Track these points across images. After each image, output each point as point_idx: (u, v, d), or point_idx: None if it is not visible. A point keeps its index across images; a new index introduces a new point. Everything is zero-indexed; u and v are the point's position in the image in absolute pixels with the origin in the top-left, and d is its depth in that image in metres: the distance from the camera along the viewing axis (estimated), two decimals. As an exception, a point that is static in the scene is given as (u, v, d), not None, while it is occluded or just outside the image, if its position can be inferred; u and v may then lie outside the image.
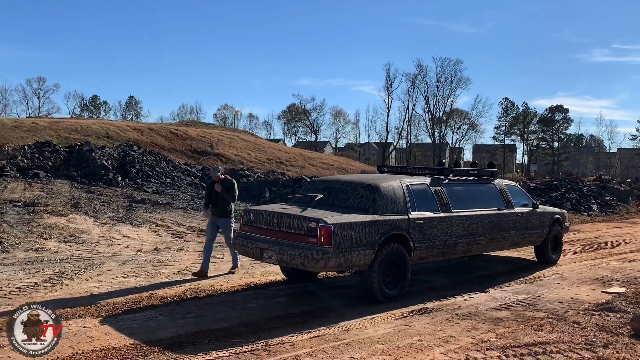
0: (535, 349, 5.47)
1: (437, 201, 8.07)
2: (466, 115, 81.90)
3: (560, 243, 10.91)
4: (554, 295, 8.00)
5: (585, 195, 24.79)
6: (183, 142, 34.73)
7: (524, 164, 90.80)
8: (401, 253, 7.36)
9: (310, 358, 5.14)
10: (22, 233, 11.15)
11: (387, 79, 78.79)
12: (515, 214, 9.43)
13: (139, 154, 23.89)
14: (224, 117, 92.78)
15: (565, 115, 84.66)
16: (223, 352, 5.21)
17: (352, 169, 39.51)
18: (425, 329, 6.18)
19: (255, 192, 20.77)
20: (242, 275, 8.77)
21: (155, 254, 10.23)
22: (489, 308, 7.21)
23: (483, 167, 10.18)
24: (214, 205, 8.72)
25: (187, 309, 6.68)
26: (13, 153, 21.49)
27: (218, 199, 8.64)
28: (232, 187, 8.73)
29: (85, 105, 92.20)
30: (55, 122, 33.99)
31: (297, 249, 6.72)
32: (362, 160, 72.59)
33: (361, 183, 7.74)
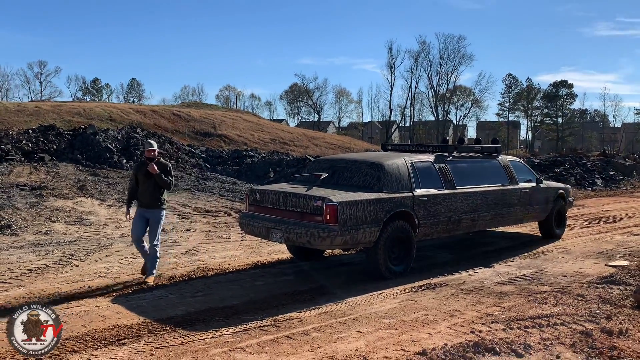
0: (540, 322, 5.56)
1: (442, 178, 8.11)
2: (469, 92, 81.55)
3: (564, 218, 10.96)
4: (558, 270, 8.08)
5: (589, 171, 24.78)
6: (186, 123, 34.75)
7: (527, 140, 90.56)
8: (406, 230, 7.43)
9: (319, 333, 5.24)
10: (30, 216, 11.26)
11: (390, 57, 78.19)
12: (519, 190, 9.47)
13: (143, 136, 23.92)
14: (226, 97, 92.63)
15: (570, 91, 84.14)
16: (233, 329, 5.32)
17: (355, 148, 39.52)
18: (430, 303, 6.27)
19: (259, 173, 20.85)
20: (249, 254, 8.87)
21: (163, 234, 10.30)
22: (494, 282, 7.29)
23: (487, 144, 10.19)
24: (143, 193, 7.01)
25: (196, 288, 6.79)
26: (17, 137, 21.57)
27: (149, 184, 6.96)
28: (169, 170, 7.12)
29: (87, 89, 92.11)
30: (58, 106, 34.02)
31: (304, 228, 6.79)
32: (366, 139, 72.45)
33: (366, 161, 7.78)
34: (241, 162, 22.98)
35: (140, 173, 7.03)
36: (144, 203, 7.01)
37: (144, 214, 6.99)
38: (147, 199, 6.97)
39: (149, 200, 6.97)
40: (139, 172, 7.03)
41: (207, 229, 11.13)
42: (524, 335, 5.20)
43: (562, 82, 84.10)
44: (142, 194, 7.01)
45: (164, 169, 7.03)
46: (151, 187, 6.95)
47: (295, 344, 4.95)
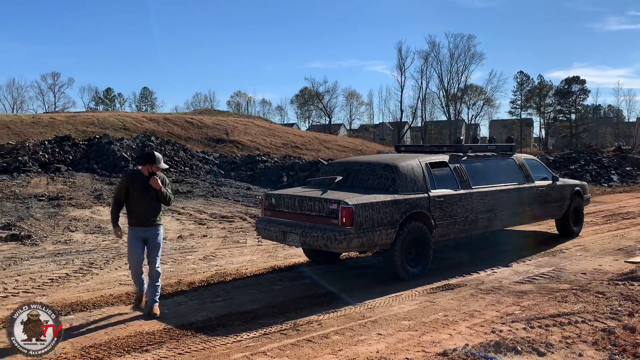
0: (561, 320, 5.53)
1: (457, 178, 8.10)
2: (481, 91, 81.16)
3: (581, 215, 10.88)
4: (577, 267, 8.02)
5: (605, 167, 24.56)
6: (199, 130, 34.97)
7: (541, 137, 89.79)
8: (423, 231, 7.43)
9: (339, 336, 5.25)
10: (49, 226, 11.40)
11: (400, 58, 78.01)
12: (535, 188, 9.42)
13: (157, 144, 24.11)
14: (237, 103, 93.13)
15: (582, 87, 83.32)
16: (253, 333, 5.35)
17: (368, 150, 39.47)
18: (450, 304, 6.26)
19: (272, 177, 20.91)
20: (266, 259, 8.90)
21: (180, 241, 10.42)
22: (513, 282, 7.26)
23: (501, 142, 10.15)
24: (138, 209, 5.99)
25: (215, 293, 6.84)
26: (34, 148, 21.83)
27: (147, 198, 5.99)
28: (167, 183, 6.25)
29: (100, 99, 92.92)
30: (72, 116, 34.40)
31: (320, 231, 6.81)
32: (377, 141, 72.35)
33: (380, 163, 7.79)
34: (254, 167, 23.08)
35: (134, 186, 5.99)
36: (140, 221, 5.97)
37: (141, 234, 5.98)
38: (144, 216, 5.96)
39: (148, 217, 5.97)
40: (132, 185, 6.00)
41: (223, 234, 11.19)
42: (545, 334, 5.17)
43: (575, 78, 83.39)
44: (138, 210, 5.98)
45: (162, 181, 6.09)
46: (150, 203, 5.98)
47: (316, 347, 4.97)
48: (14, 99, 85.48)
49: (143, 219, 5.98)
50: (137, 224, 5.99)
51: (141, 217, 5.98)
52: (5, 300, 6.61)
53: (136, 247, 6.00)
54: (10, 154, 21.09)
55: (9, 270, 8.02)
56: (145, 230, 5.99)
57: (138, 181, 6.01)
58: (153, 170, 6.00)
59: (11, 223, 11.32)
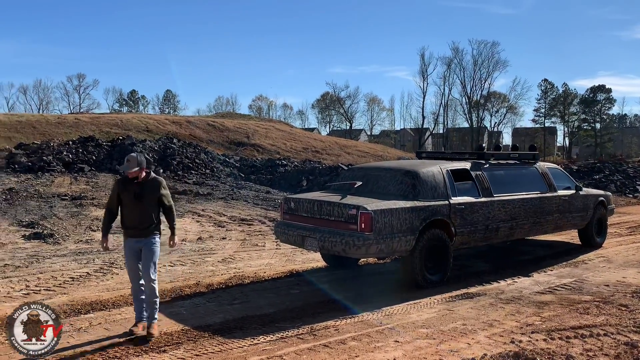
0: (582, 332, 5.43)
1: (478, 185, 8.02)
2: (504, 98, 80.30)
3: (605, 226, 10.70)
4: (600, 279, 7.88)
5: (630, 177, 24.14)
6: (220, 133, 35.24)
7: (565, 146, 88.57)
8: (442, 238, 7.37)
9: (356, 342, 5.22)
10: (72, 225, 11.57)
11: (422, 64, 77.49)
12: (558, 197, 9.28)
13: (179, 147, 24.36)
14: (258, 107, 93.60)
15: (608, 95, 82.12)
16: (270, 337, 5.35)
17: (388, 156, 39.37)
18: (469, 313, 6.19)
19: (292, 181, 20.97)
20: (284, 263, 8.91)
21: (200, 243, 10.48)
22: (533, 292, 7.16)
23: (524, 151, 10.04)
24: (131, 217, 5.44)
25: (233, 296, 6.86)
26: (58, 148, 22.21)
27: (141, 206, 5.42)
28: (166, 186, 5.66)
29: (124, 100, 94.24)
30: (97, 118, 34.95)
31: (338, 236, 6.79)
32: (398, 147, 72.15)
33: (400, 169, 7.75)
34: (274, 171, 23.16)
35: (126, 193, 5.46)
36: (133, 231, 5.44)
37: (136, 245, 5.43)
38: (138, 225, 5.41)
39: (141, 226, 5.41)
40: (124, 192, 5.47)
41: (242, 237, 11.23)
42: (565, 345, 5.08)
43: (600, 87, 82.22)
44: (131, 218, 5.45)
45: (158, 186, 5.52)
46: (143, 210, 5.43)
47: (333, 353, 4.95)
48: (40, 99, 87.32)
49: (135, 228, 5.43)
50: (131, 234, 5.45)
51: (133, 226, 5.43)
52: (27, 297, 6.70)
53: (131, 261, 5.46)
54: (35, 153, 21.48)
55: (31, 267, 8.15)
56: (138, 242, 5.43)
57: (130, 187, 5.45)
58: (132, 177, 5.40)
59: (35, 221, 11.52)
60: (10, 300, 6.55)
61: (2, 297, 6.69)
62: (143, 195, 5.42)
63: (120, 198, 5.49)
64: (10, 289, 7.02)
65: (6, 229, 10.98)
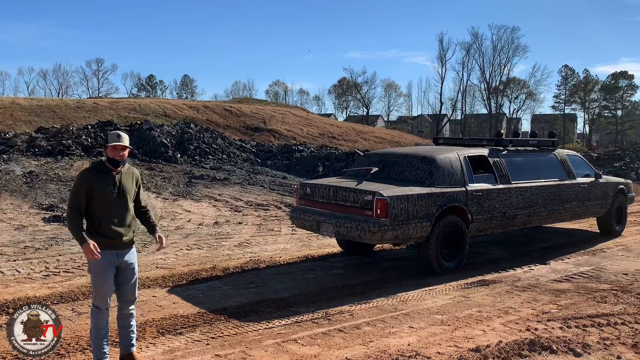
0: (599, 321, 5.38)
1: (496, 172, 7.95)
2: (524, 84, 79.05)
3: (624, 214, 10.56)
4: (618, 267, 7.79)
5: (651, 165, 23.73)
6: (237, 118, 35.30)
7: (585, 133, 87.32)
8: (459, 225, 7.33)
9: (370, 327, 5.24)
10: (91, 209, 11.69)
11: (441, 49, 76.60)
12: (576, 185, 9.17)
13: (196, 132, 24.45)
14: (275, 93, 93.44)
15: (630, 82, 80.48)
16: (285, 321, 5.39)
17: (405, 142, 39.14)
18: (484, 300, 6.17)
19: (308, 167, 20.96)
20: (300, 248, 8.94)
21: (216, 227, 10.55)
22: (550, 280, 7.10)
23: (543, 137, 9.91)
24: (110, 220, 4.05)
25: (248, 280, 6.91)
26: (77, 132, 22.41)
27: (122, 204, 4.13)
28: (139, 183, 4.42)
29: (142, 85, 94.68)
30: (115, 102, 35.19)
31: (354, 222, 6.79)
32: (415, 133, 71.65)
33: (417, 155, 7.70)
34: (291, 156, 23.16)
35: (101, 187, 4.03)
36: (116, 241, 4.07)
37: (117, 259, 4.10)
38: (122, 231, 4.09)
39: (126, 232, 4.12)
40: (98, 186, 4.01)
41: (258, 222, 11.29)
42: (582, 334, 5.05)
43: (622, 73, 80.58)
44: (110, 222, 4.05)
45: (138, 179, 4.38)
46: (126, 210, 4.15)
47: (347, 337, 4.97)
48: (60, 83, 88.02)
49: (120, 236, 4.08)
50: (110, 245, 4.03)
51: (117, 234, 4.06)
52: (47, 279, 6.83)
53: (110, 281, 4.11)
54: (55, 137, 21.71)
55: (50, 250, 8.28)
56: (121, 254, 4.11)
57: (107, 179, 4.07)
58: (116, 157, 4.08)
59: (54, 204, 11.68)
60: (30, 282, 6.67)
61: (22, 278, 6.82)
62: (125, 189, 4.16)
63: (91, 195, 4.01)
64: (30, 270, 7.15)
65: (26, 212, 11.15)
